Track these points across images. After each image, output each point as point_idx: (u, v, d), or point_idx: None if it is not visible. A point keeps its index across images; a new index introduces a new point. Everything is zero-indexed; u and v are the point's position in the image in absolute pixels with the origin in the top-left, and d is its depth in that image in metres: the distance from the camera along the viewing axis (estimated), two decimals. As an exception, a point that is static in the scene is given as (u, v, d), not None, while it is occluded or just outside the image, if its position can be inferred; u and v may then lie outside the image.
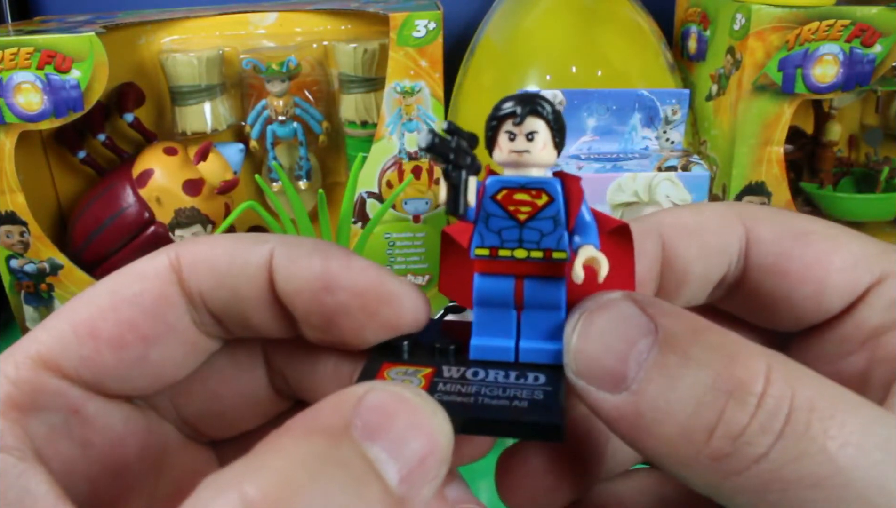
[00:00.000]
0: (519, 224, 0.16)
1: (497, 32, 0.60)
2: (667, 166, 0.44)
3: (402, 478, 0.14)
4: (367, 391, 0.14)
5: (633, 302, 0.16)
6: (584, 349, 0.16)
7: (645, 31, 0.59)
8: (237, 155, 0.63)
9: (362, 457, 0.13)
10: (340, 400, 0.14)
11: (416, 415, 0.14)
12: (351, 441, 0.13)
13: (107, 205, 0.60)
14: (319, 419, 0.14)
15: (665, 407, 0.14)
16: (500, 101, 0.16)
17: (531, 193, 0.16)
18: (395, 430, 0.14)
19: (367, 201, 0.60)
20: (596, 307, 0.16)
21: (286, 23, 0.64)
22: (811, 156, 0.68)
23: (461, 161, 0.15)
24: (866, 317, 0.19)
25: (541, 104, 0.16)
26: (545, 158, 0.16)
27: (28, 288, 0.59)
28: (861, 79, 0.55)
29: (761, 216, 0.21)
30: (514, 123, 0.16)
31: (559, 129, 0.16)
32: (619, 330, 0.16)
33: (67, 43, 0.53)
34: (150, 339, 0.18)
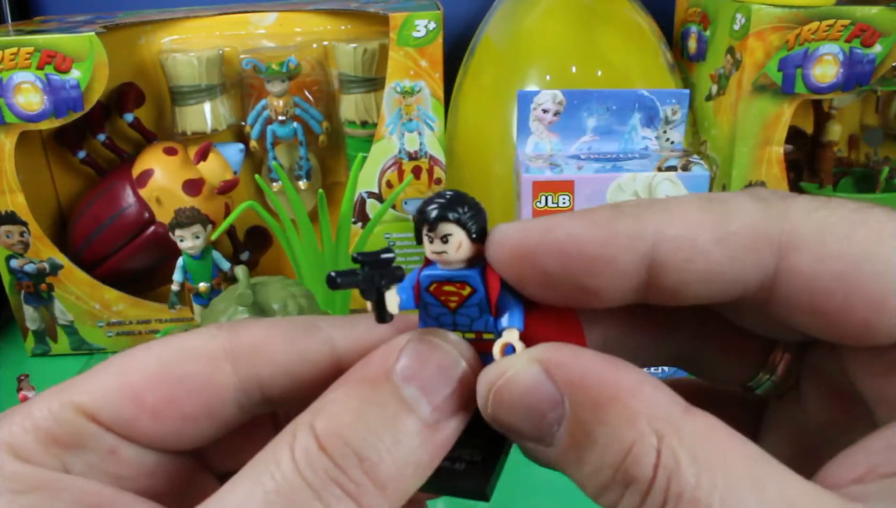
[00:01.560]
0: (451, 311, 0.19)
1: (497, 32, 0.60)
2: (667, 166, 0.44)
3: (432, 409, 0.17)
4: (409, 340, 0.18)
5: (538, 367, 0.17)
6: (500, 419, 0.17)
7: (645, 31, 0.59)
8: (237, 155, 0.63)
9: (399, 399, 0.17)
10: (386, 350, 0.18)
11: (447, 359, 0.18)
12: (389, 384, 0.17)
13: (107, 205, 0.60)
14: (369, 368, 0.18)
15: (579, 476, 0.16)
16: (423, 203, 0.18)
17: (456, 285, 0.18)
18: (427, 371, 0.17)
19: (367, 201, 0.60)
20: (502, 382, 0.17)
21: (286, 23, 0.64)
22: (811, 156, 0.68)
23: (372, 284, 0.18)
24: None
25: (452, 209, 0.18)
26: (461, 256, 0.18)
27: (28, 288, 0.59)
28: (861, 79, 0.55)
29: (805, 235, 0.17)
30: (429, 229, 0.18)
31: (476, 223, 0.18)
32: (527, 403, 0.17)
33: (67, 43, 0.53)
34: (189, 418, 0.19)
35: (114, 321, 0.61)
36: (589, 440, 0.16)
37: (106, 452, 0.18)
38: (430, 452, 0.17)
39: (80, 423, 0.18)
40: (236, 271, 0.47)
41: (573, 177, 0.44)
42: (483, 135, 0.59)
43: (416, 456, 0.17)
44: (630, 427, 0.15)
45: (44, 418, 0.18)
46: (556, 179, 0.44)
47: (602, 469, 0.16)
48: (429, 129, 0.59)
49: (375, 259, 0.18)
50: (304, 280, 0.54)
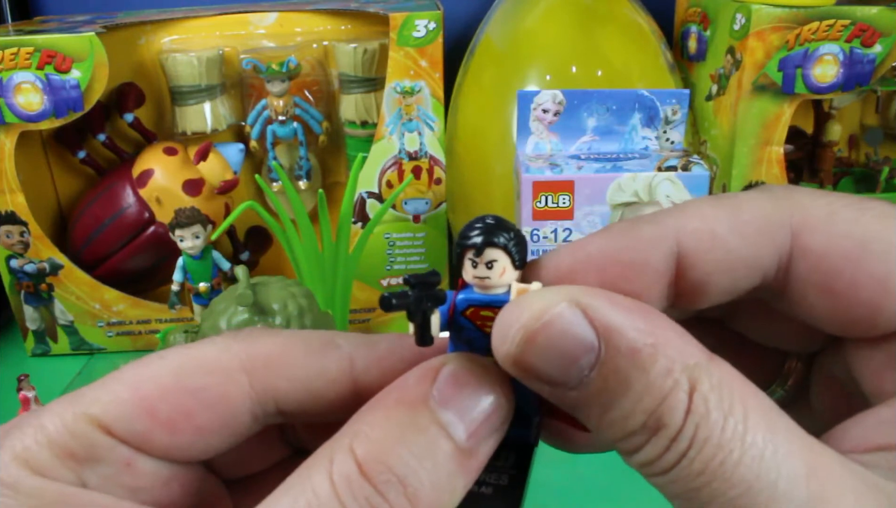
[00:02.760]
0: (486, 335, 0.18)
1: (497, 32, 0.60)
2: (667, 166, 0.44)
3: (468, 435, 0.17)
4: (443, 364, 0.18)
5: (577, 310, 0.16)
6: (524, 361, 0.17)
7: (645, 31, 0.59)
8: (237, 155, 0.63)
9: (436, 422, 0.17)
10: (423, 371, 0.18)
11: (480, 383, 0.17)
12: (427, 409, 0.17)
13: (107, 205, 0.60)
14: (406, 391, 0.17)
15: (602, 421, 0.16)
16: (466, 227, 0.18)
17: (494, 310, 0.18)
18: (463, 396, 0.17)
19: (367, 201, 0.60)
20: (537, 324, 0.16)
21: (286, 23, 0.64)
22: (811, 156, 0.68)
23: (421, 306, 0.18)
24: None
25: (498, 235, 0.18)
26: (505, 281, 0.18)
27: (28, 288, 0.59)
28: (861, 79, 0.55)
29: (814, 218, 0.18)
30: (475, 254, 0.18)
31: (519, 250, 0.18)
32: (560, 348, 0.16)
33: (67, 43, 0.53)
34: (204, 431, 0.19)
35: (114, 321, 0.61)
36: (624, 386, 0.16)
37: (122, 465, 0.18)
38: (464, 477, 0.17)
39: (94, 436, 0.18)
40: (236, 271, 0.47)
41: (573, 177, 0.44)
42: (483, 135, 0.59)
43: (453, 482, 0.17)
44: (668, 376, 0.15)
45: (58, 431, 0.18)
46: (556, 179, 0.44)
47: (634, 415, 0.16)
48: (429, 129, 0.59)
49: (426, 281, 0.18)
50: (304, 280, 0.54)
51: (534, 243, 0.45)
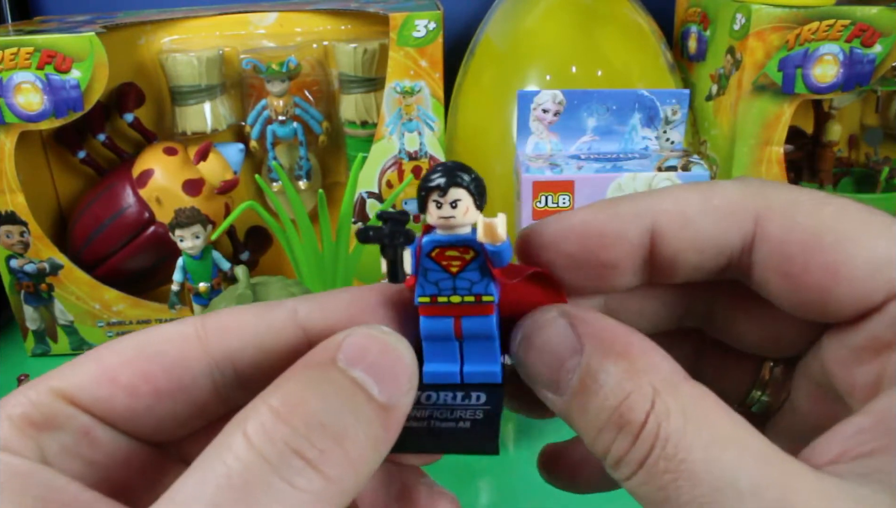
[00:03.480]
0: (452, 275, 0.19)
1: (497, 32, 0.60)
2: (667, 166, 0.44)
3: (381, 390, 0.17)
4: (346, 335, 0.18)
5: (565, 320, 0.19)
6: (525, 361, 0.19)
7: (645, 31, 0.59)
8: (237, 155, 0.63)
9: (349, 378, 0.17)
10: (326, 343, 0.18)
11: (385, 346, 0.18)
12: (337, 368, 0.17)
13: (107, 205, 0.60)
14: (312, 357, 0.18)
15: (582, 422, 0.18)
16: (428, 172, 0.19)
17: (459, 250, 0.19)
18: (370, 357, 0.18)
19: (367, 201, 0.60)
20: (535, 328, 0.19)
21: (286, 23, 0.64)
22: (811, 156, 0.68)
23: (395, 240, 0.19)
24: (880, 331, 0.18)
25: (460, 176, 0.19)
26: (468, 220, 0.19)
27: (28, 288, 0.59)
28: (861, 79, 0.55)
29: (776, 208, 0.19)
30: (440, 195, 0.19)
31: (479, 193, 0.19)
32: (551, 348, 0.19)
33: (67, 43, 0.53)
34: (162, 394, 0.19)
35: (114, 321, 0.61)
36: (595, 386, 0.17)
37: (80, 433, 0.19)
38: (386, 428, 0.17)
39: (55, 405, 0.18)
40: (236, 271, 0.47)
41: (573, 177, 0.44)
42: (483, 135, 0.59)
43: (375, 432, 0.17)
44: (631, 379, 0.17)
45: (20, 403, 0.18)
46: (556, 179, 0.44)
47: (602, 412, 0.17)
48: (429, 129, 0.59)
49: (398, 218, 0.19)
50: (304, 280, 0.54)
51: (534, 243, 0.45)
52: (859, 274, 0.18)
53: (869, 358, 0.19)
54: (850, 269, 0.18)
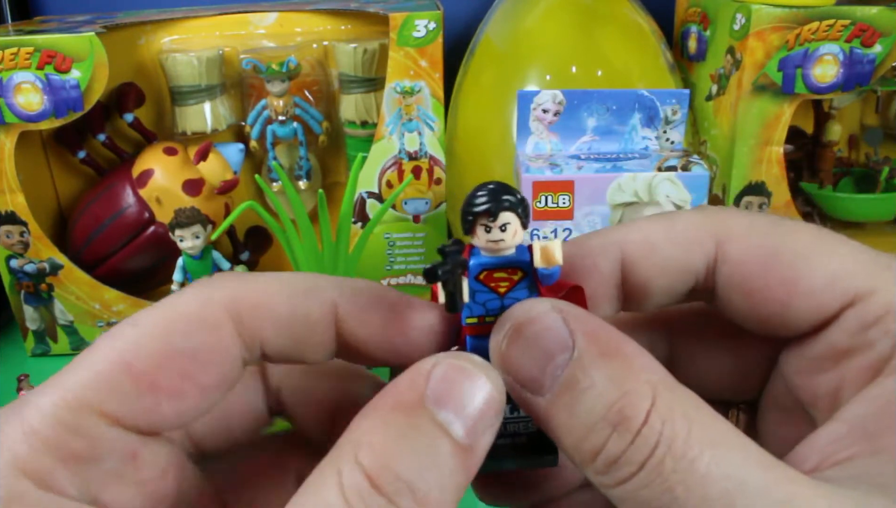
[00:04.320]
0: (500, 296, 0.20)
1: (497, 32, 0.60)
2: (667, 166, 0.44)
3: (466, 432, 0.17)
4: (434, 365, 0.18)
5: (558, 314, 0.18)
6: (510, 355, 0.18)
7: (645, 31, 0.59)
8: (237, 155, 0.63)
9: (434, 422, 0.17)
10: (414, 375, 0.18)
11: (473, 379, 0.18)
12: (424, 410, 0.17)
13: (107, 205, 0.60)
14: (399, 395, 0.17)
15: (567, 422, 0.17)
16: (473, 194, 0.19)
17: (508, 271, 0.19)
18: (458, 395, 0.17)
19: (367, 201, 0.60)
20: (524, 319, 0.19)
21: (286, 23, 0.64)
22: (811, 156, 0.68)
23: (455, 274, 0.18)
24: (837, 339, 0.19)
25: (508, 199, 0.18)
26: (517, 242, 0.19)
27: (28, 288, 0.59)
28: (861, 79, 0.55)
29: (735, 231, 0.20)
30: (490, 219, 0.18)
31: (526, 214, 0.19)
32: (540, 343, 0.18)
33: (67, 43, 0.53)
34: (207, 390, 0.19)
35: (114, 321, 0.61)
36: (587, 382, 0.17)
37: (127, 457, 0.18)
38: (466, 473, 0.17)
39: (99, 430, 0.17)
40: (236, 271, 0.47)
41: (573, 177, 0.44)
42: (483, 135, 0.59)
43: (456, 479, 0.17)
44: (630, 377, 0.17)
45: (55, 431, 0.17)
46: (556, 179, 0.44)
47: (594, 409, 0.17)
48: (429, 129, 0.59)
49: (456, 250, 0.18)
50: (304, 280, 0.54)
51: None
52: (816, 285, 0.19)
53: (828, 366, 0.19)
54: (807, 282, 0.19)
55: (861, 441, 0.17)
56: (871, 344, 0.18)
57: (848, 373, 0.19)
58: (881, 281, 0.19)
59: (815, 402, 0.20)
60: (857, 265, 0.19)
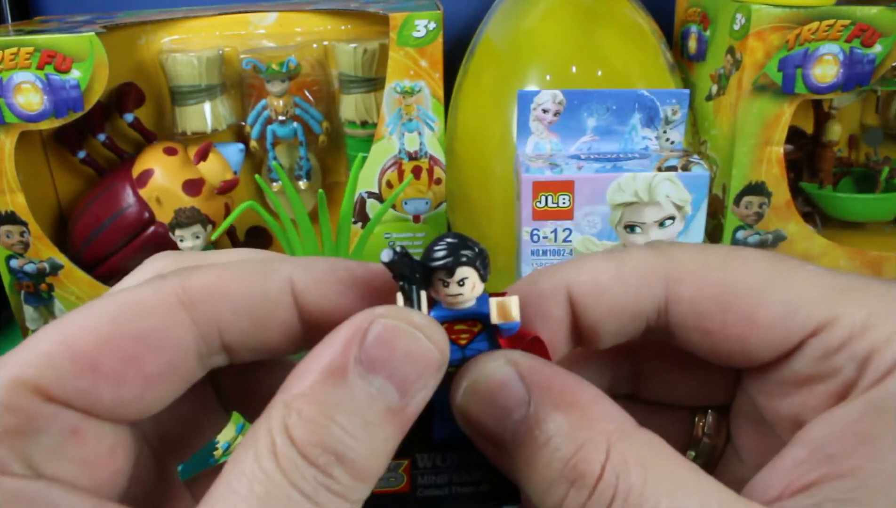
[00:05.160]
0: (461, 348, 0.20)
1: (497, 32, 0.60)
2: (667, 166, 0.44)
3: (400, 395, 0.17)
4: (371, 323, 0.17)
5: (512, 368, 0.18)
6: (469, 411, 0.18)
7: (645, 31, 0.59)
8: (237, 155, 0.63)
9: (367, 390, 0.16)
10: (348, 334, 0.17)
11: (411, 340, 0.17)
12: (356, 378, 0.16)
13: (107, 205, 0.60)
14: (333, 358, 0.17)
15: (528, 476, 0.17)
16: (431, 247, 0.19)
17: (468, 324, 0.19)
18: (394, 359, 0.17)
19: (367, 201, 0.60)
20: (480, 376, 0.18)
21: (286, 23, 0.64)
22: (811, 156, 0.68)
23: (414, 279, 0.18)
24: (800, 368, 0.19)
25: (465, 254, 0.18)
26: (475, 295, 0.19)
27: (28, 288, 0.59)
28: (861, 79, 0.55)
29: (685, 270, 0.20)
30: (447, 275, 0.18)
31: (485, 267, 0.19)
32: (497, 399, 0.18)
33: (67, 43, 0.53)
34: (152, 378, 0.18)
35: (114, 321, 0.61)
36: (544, 438, 0.17)
37: (67, 433, 0.17)
38: (400, 429, 0.17)
39: (33, 405, 0.17)
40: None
41: (573, 177, 0.44)
42: (483, 135, 0.59)
43: (389, 440, 0.17)
44: (583, 429, 0.17)
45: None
46: (556, 179, 0.44)
47: (552, 465, 0.17)
48: (429, 129, 0.59)
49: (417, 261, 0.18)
50: (304, 280, 0.54)
51: (534, 243, 0.45)
52: (775, 318, 0.19)
53: (791, 391, 0.19)
54: (766, 315, 0.19)
55: (823, 465, 0.17)
56: (836, 371, 0.18)
57: (811, 399, 0.19)
58: (842, 307, 0.18)
59: (778, 423, 0.20)
60: (817, 292, 0.19)
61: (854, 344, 0.18)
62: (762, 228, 0.58)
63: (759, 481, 0.18)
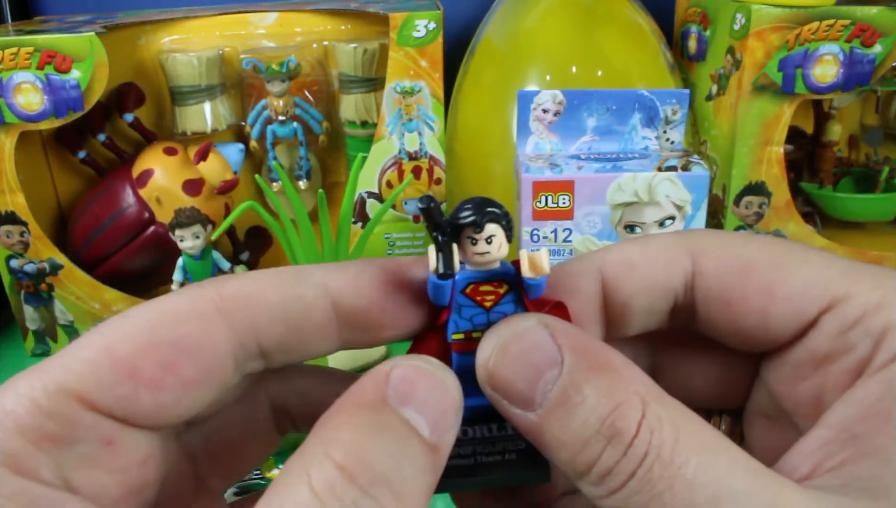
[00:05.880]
0: (486, 310, 0.20)
1: (497, 32, 0.60)
2: (667, 166, 0.44)
3: (432, 430, 0.17)
4: (393, 367, 0.18)
5: (545, 329, 0.18)
6: (498, 372, 0.18)
7: (645, 31, 0.59)
8: (237, 155, 0.63)
9: (401, 419, 0.17)
10: (375, 377, 0.17)
11: (433, 380, 0.18)
12: (389, 408, 0.17)
13: (107, 205, 0.60)
14: (363, 395, 0.17)
15: (560, 436, 0.17)
16: (459, 207, 0.19)
17: (493, 285, 0.19)
18: (420, 394, 0.17)
19: (367, 201, 0.60)
20: (511, 336, 0.19)
21: (286, 23, 0.64)
22: (811, 156, 0.68)
23: (445, 230, 0.19)
24: (817, 345, 0.19)
25: (493, 211, 0.19)
26: (502, 254, 0.19)
27: (28, 288, 0.59)
28: (861, 79, 0.55)
29: (709, 247, 0.21)
30: (475, 231, 0.19)
31: (510, 226, 0.19)
32: (529, 359, 0.18)
33: (67, 43, 0.53)
34: (190, 384, 0.18)
35: (114, 321, 0.61)
36: (580, 397, 0.17)
37: (102, 443, 0.17)
38: (435, 472, 0.17)
39: (74, 412, 0.17)
40: (236, 271, 0.47)
41: (573, 177, 0.44)
42: (483, 135, 0.59)
43: (427, 478, 0.17)
44: (620, 390, 0.17)
45: (30, 412, 0.16)
46: (556, 179, 0.44)
47: (588, 423, 0.17)
48: (429, 129, 0.59)
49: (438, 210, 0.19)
50: (304, 280, 0.54)
51: (534, 243, 0.45)
52: (793, 291, 0.19)
53: (810, 373, 0.20)
54: (784, 288, 0.19)
55: (848, 446, 0.17)
56: (852, 347, 0.19)
57: (829, 378, 0.19)
58: (857, 284, 0.19)
59: (797, 409, 0.20)
60: (832, 271, 0.19)
61: (869, 320, 0.18)
62: (762, 228, 0.58)
63: (785, 463, 0.18)
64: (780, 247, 0.20)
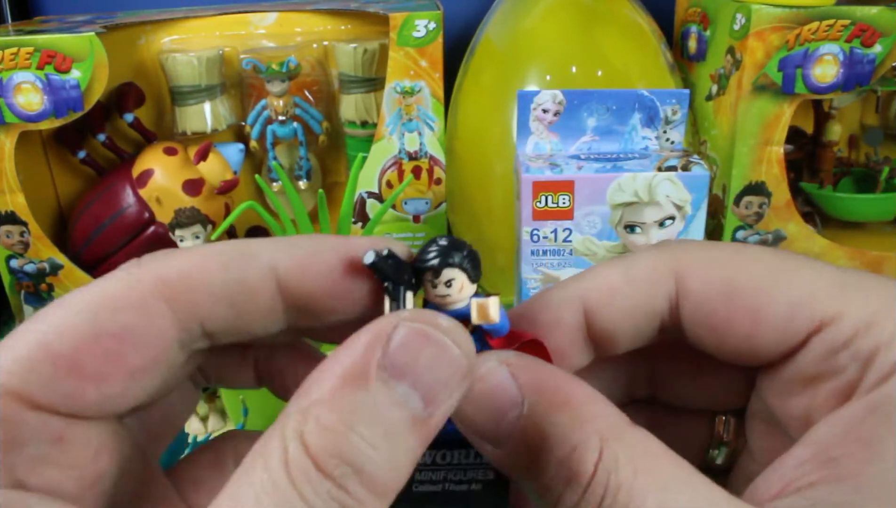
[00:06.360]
0: None
1: (497, 32, 0.60)
2: (667, 166, 0.44)
3: (426, 403, 0.16)
4: (395, 327, 0.16)
5: (506, 369, 0.18)
6: (464, 412, 0.18)
7: (645, 31, 0.59)
8: (237, 155, 0.63)
9: (390, 397, 0.16)
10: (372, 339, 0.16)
11: (437, 348, 0.16)
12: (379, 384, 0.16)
13: (107, 205, 0.60)
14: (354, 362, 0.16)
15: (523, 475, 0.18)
16: (421, 251, 0.19)
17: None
18: (419, 366, 0.16)
19: (367, 201, 0.60)
20: (475, 377, 0.18)
21: (286, 23, 0.64)
22: (811, 156, 0.68)
23: (400, 279, 0.18)
24: (805, 366, 0.19)
25: (452, 256, 0.19)
26: (464, 296, 0.19)
27: (28, 288, 0.59)
28: (861, 79, 0.55)
29: (693, 266, 0.20)
30: (433, 276, 0.19)
31: (473, 267, 0.19)
32: (491, 400, 0.18)
33: (67, 43, 0.53)
34: (136, 373, 0.18)
35: (114, 321, 0.61)
36: (540, 438, 0.17)
37: (51, 441, 0.17)
38: (422, 443, 0.16)
39: (18, 415, 0.16)
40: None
41: (573, 177, 0.44)
42: (483, 135, 0.59)
43: (411, 454, 0.16)
44: (577, 430, 0.17)
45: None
46: (556, 179, 0.44)
47: (548, 466, 0.17)
48: (429, 129, 0.59)
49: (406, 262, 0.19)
50: (304, 280, 0.54)
51: (534, 243, 0.45)
52: (780, 314, 0.19)
53: (799, 390, 0.20)
54: (770, 311, 0.19)
55: (824, 468, 0.17)
56: (841, 369, 0.18)
57: (818, 398, 0.19)
58: (847, 303, 0.19)
59: (790, 423, 0.20)
60: (821, 288, 0.19)
61: (858, 342, 0.18)
62: (762, 228, 0.58)
63: (763, 480, 0.18)
64: (768, 262, 0.20)
